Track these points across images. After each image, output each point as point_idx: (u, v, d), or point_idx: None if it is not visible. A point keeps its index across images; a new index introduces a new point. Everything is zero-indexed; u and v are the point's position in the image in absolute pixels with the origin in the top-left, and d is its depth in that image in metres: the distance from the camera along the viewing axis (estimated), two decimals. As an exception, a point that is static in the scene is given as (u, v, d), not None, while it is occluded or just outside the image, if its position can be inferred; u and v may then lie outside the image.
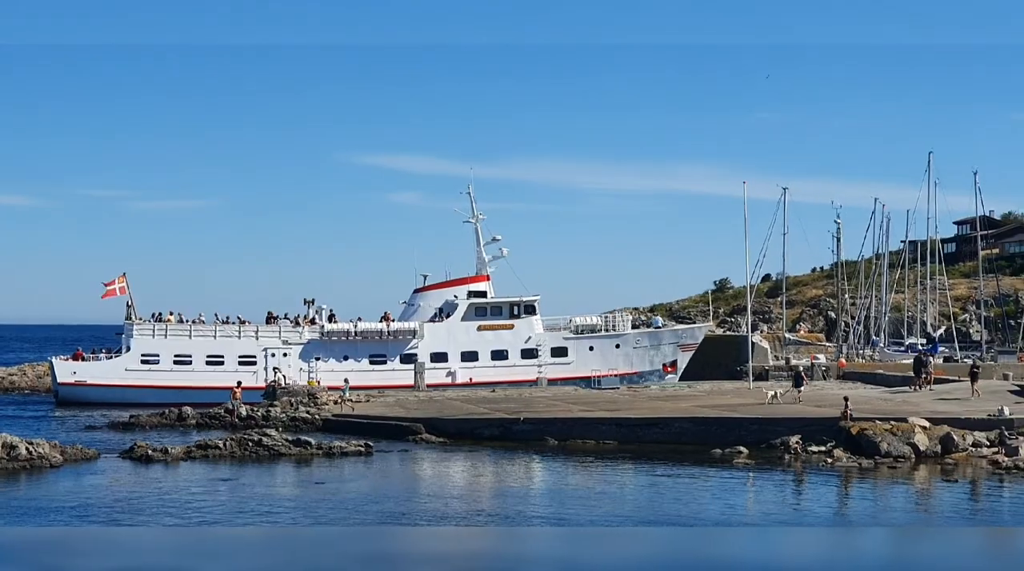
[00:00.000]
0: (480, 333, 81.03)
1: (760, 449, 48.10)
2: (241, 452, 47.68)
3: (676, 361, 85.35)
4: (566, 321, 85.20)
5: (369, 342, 79.85)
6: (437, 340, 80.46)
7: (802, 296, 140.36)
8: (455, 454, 49.16)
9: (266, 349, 78.25)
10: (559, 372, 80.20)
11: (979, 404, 53.79)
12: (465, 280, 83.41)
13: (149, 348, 77.42)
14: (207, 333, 78.69)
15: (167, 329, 78.25)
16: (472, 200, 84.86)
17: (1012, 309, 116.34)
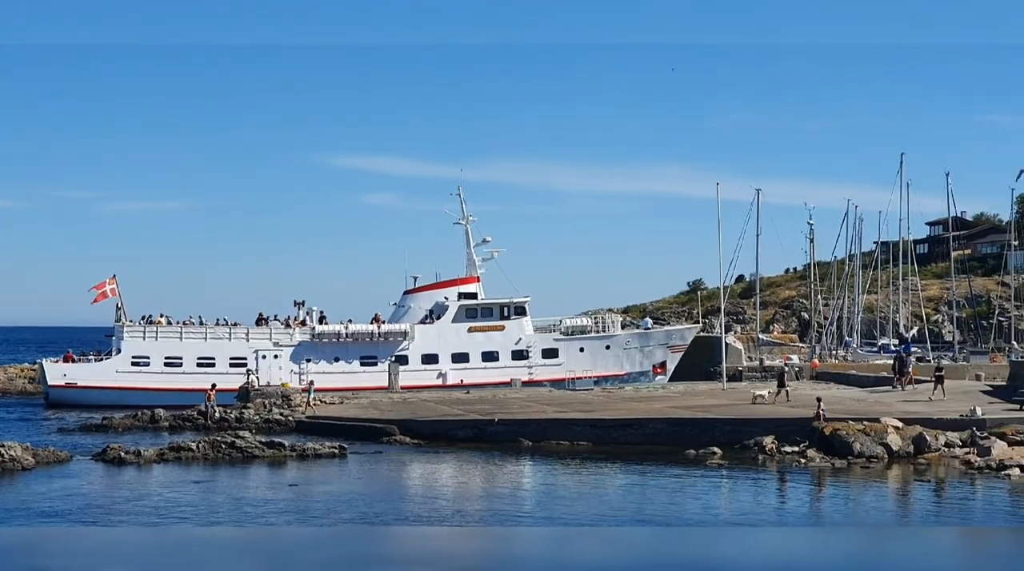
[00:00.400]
0: (471, 335, 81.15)
1: (734, 450, 48.20)
2: (214, 454, 47.52)
3: (665, 362, 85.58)
4: (556, 322, 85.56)
5: (360, 344, 79.80)
6: (428, 342, 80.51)
7: (775, 297, 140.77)
8: (429, 456, 49.09)
9: (257, 351, 78.17)
10: (549, 373, 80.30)
11: (952, 404, 53.99)
12: (455, 281, 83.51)
13: (140, 350, 77.32)
14: (198, 335, 78.55)
15: (158, 331, 78.18)
16: (462, 202, 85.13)
17: (984, 310, 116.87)
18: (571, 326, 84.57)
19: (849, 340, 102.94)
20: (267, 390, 68.16)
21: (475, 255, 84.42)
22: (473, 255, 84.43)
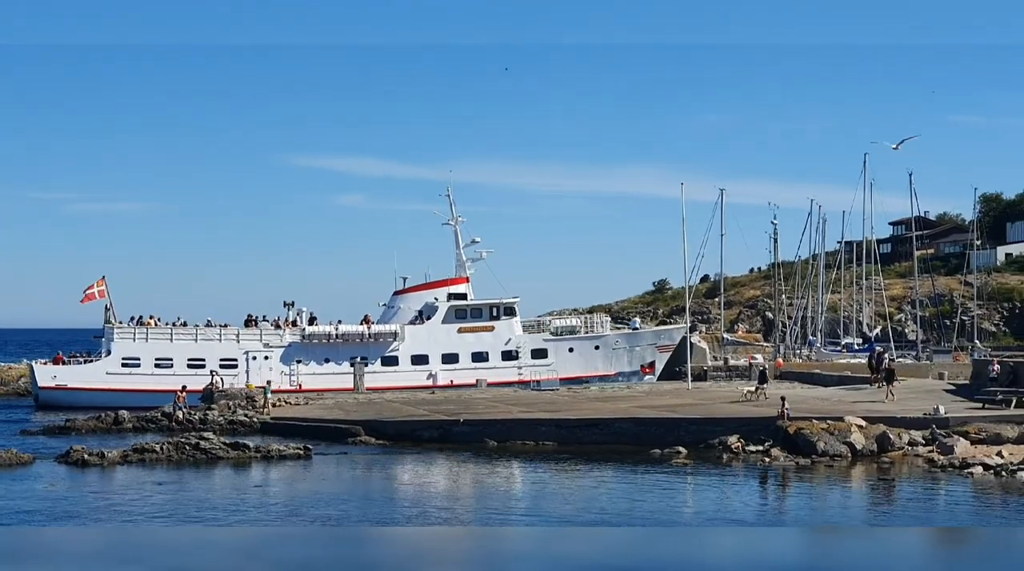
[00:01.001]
0: (461, 335, 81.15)
1: (699, 449, 48.29)
2: (178, 456, 47.29)
3: (654, 362, 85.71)
4: (546, 322, 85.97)
5: (350, 345, 79.67)
6: (418, 342, 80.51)
7: (740, 297, 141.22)
8: (394, 456, 49.01)
9: (247, 352, 78.06)
10: (539, 374, 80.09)
11: (915, 403, 54.28)
12: (445, 282, 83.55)
13: (130, 351, 77.12)
14: (188, 336, 78.37)
15: (148, 332, 77.97)
16: (451, 202, 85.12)
17: (947, 309, 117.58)
18: (560, 327, 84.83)
19: (813, 339, 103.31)
20: (231, 391, 67.90)
21: (464, 256, 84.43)
22: (462, 256, 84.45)
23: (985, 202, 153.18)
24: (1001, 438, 46.25)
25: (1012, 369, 57.40)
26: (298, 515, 35.20)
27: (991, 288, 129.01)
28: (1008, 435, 46.49)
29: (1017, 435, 46.51)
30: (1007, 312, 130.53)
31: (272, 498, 39.05)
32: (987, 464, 42.09)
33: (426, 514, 35.62)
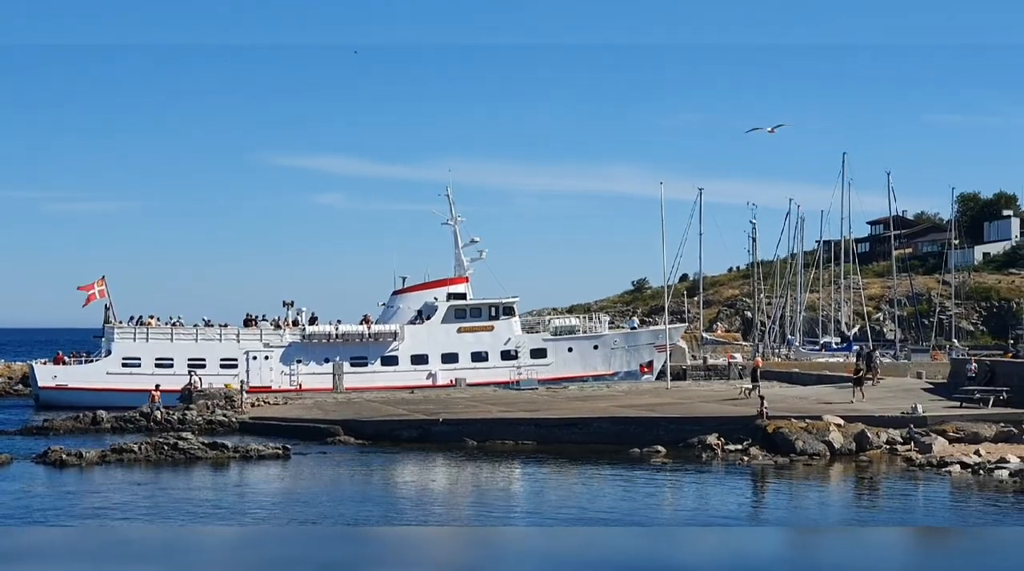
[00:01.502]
0: (460, 335, 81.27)
1: (678, 448, 48.33)
2: (157, 456, 47.12)
3: (652, 361, 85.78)
4: (546, 322, 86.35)
5: (350, 345, 79.73)
6: (418, 342, 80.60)
7: (719, 296, 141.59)
8: (373, 456, 48.94)
9: (247, 352, 78.06)
10: (538, 373, 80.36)
11: (893, 402, 54.46)
12: (444, 282, 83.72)
13: (130, 351, 77.07)
14: (188, 336, 78.36)
15: (148, 332, 77.91)
16: (451, 202, 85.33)
17: (925, 308, 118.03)
18: (559, 326, 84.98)
19: (792, 338, 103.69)
20: (210, 391, 67.73)
21: (463, 255, 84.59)
22: (461, 255, 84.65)
23: (963, 201, 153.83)
24: (979, 437, 46.41)
25: (990, 368, 57.64)
26: (274, 517, 35.09)
27: (969, 287, 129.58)
28: (986, 434, 46.66)
29: (995, 434, 46.69)
30: (985, 311, 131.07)
31: (249, 497, 38.94)
32: (965, 463, 42.21)
33: (403, 514, 35.58)
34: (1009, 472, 40.36)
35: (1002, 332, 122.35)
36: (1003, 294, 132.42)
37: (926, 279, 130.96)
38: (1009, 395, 52.25)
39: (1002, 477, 40.08)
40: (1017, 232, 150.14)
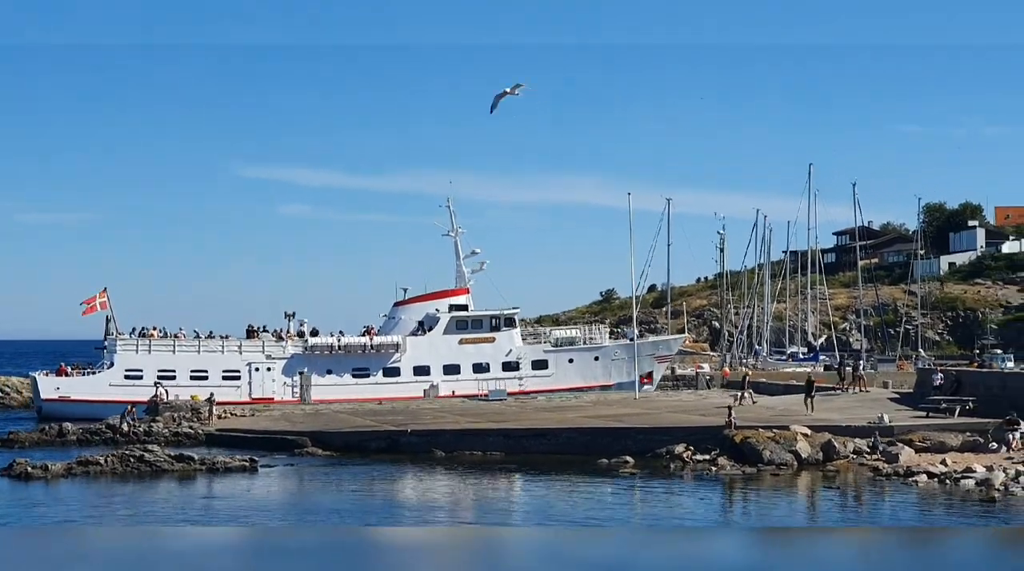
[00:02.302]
0: (461, 346, 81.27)
1: (646, 458, 48.36)
2: (123, 468, 46.82)
3: (652, 372, 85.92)
4: (546, 333, 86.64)
5: (352, 356, 79.64)
6: (419, 353, 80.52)
7: (687, 306, 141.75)
8: (341, 468, 48.77)
9: (250, 364, 77.86)
10: (539, 384, 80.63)
11: (860, 412, 54.66)
12: (446, 293, 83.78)
13: (133, 363, 76.70)
14: (191, 348, 78.10)
15: (151, 344, 77.62)
16: (452, 214, 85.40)
17: (891, 318, 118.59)
18: (560, 338, 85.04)
19: (759, 348, 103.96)
20: (176, 403, 67.46)
21: (464, 267, 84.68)
22: (462, 267, 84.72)
23: (928, 212, 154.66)
24: (945, 446, 46.61)
25: (956, 378, 57.91)
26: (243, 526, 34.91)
27: (935, 297, 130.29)
28: (952, 443, 46.87)
29: (961, 443, 46.90)
30: (950, 321, 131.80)
31: (215, 510, 38.74)
32: (931, 472, 42.39)
33: (375, 525, 35.45)
34: (975, 481, 40.55)
35: (968, 342, 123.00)
36: (969, 304, 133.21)
37: (892, 289, 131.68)
38: (975, 405, 52.50)
39: (968, 487, 40.26)
40: (982, 242, 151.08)
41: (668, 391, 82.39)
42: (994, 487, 39.43)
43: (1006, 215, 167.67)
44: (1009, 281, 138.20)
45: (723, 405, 56.09)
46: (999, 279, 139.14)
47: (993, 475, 40.70)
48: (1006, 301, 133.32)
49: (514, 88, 77.96)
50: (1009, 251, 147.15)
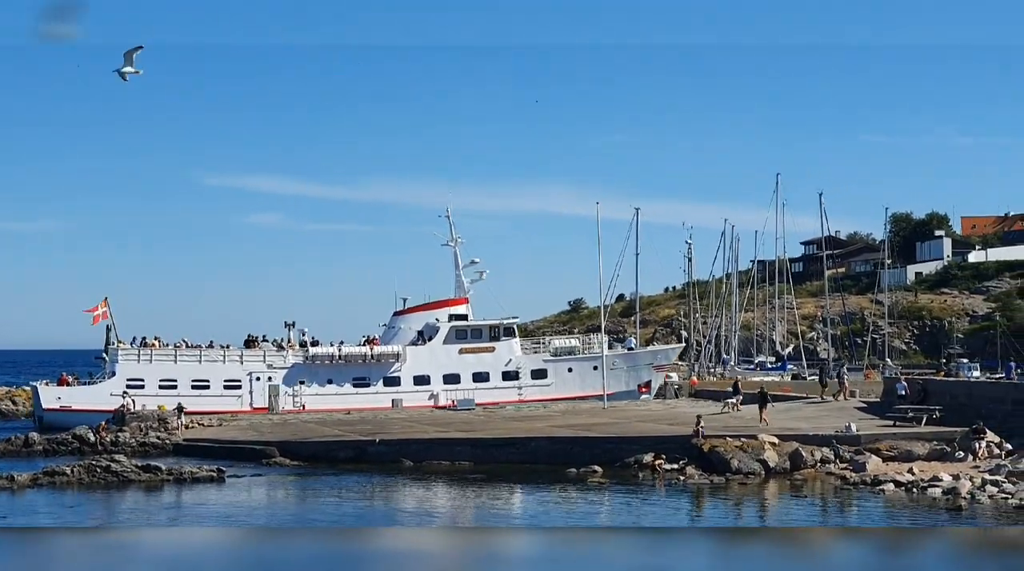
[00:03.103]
0: (462, 356, 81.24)
1: (615, 468, 48.38)
2: (89, 479, 46.55)
3: (651, 381, 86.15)
4: (546, 343, 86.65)
5: (353, 366, 79.54)
6: (420, 363, 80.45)
7: (655, 315, 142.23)
8: (309, 478, 48.62)
9: (251, 373, 77.74)
10: (539, 394, 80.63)
11: (827, 421, 54.79)
12: (445, 302, 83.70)
13: (134, 373, 76.33)
14: (192, 358, 77.98)
15: (152, 354, 77.49)
16: (451, 223, 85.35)
17: (858, 327, 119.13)
18: (559, 347, 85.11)
19: (727, 358, 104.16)
20: (143, 413, 67.14)
21: (463, 277, 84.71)
22: (462, 276, 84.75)
23: (895, 222, 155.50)
24: (912, 455, 46.79)
25: (922, 387, 58.17)
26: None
27: (901, 307, 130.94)
28: (919, 452, 47.05)
29: (928, 452, 47.09)
30: (917, 330, 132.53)
31: (182, 521, 38.57)
32: (898, 481, 42.57)
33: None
34: (942, 490, 40.74)
35: (935, 351, 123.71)
36: (935, 313, 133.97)
37: (859, 299, 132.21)
38: (942, 414, 52.74)
39: (935, 495, 40.44)
40: (949, 252, 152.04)
41: (636, 400, 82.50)
42: (961, 496, 39.63)
43: (972, 225, 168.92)
44: (975, 291, 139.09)
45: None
46: (965, 289, 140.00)
47: (960, 484, 40.89)
48: (972, 310, 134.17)
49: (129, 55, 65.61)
50: (975, 261, 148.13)
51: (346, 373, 79.27)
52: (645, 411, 67.47)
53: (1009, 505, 38.17)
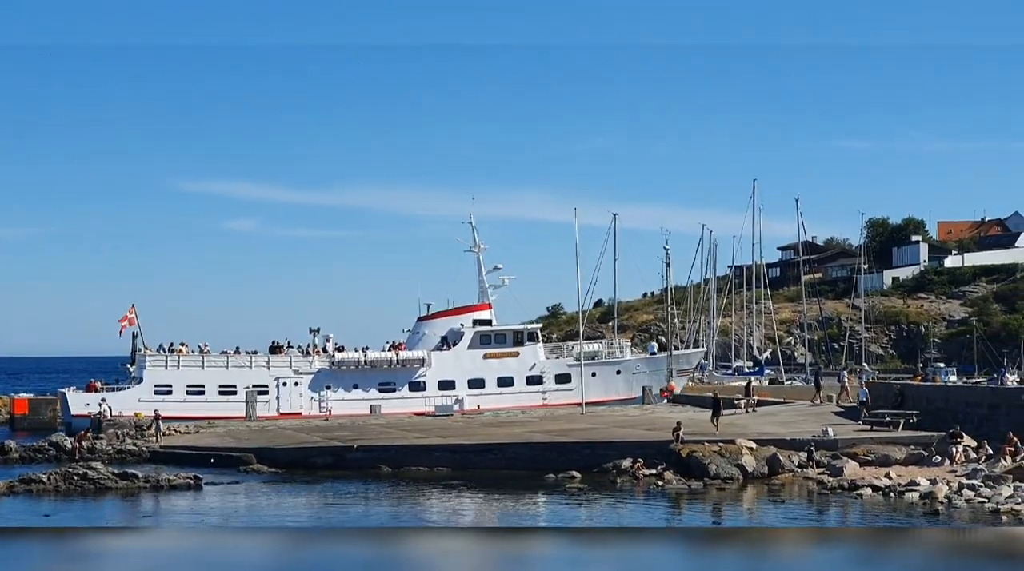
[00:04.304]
0: (486, 361, 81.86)
1: (593, 473, 48.38)
2: (66, 486, 46.32)
3: (674, 385, 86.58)
4: (569, 348, 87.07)
5: (378, 371, 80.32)
6: (444, 368, 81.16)
7: (633, 321, 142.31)
8: (286, 485, 48.46)
9: (277, 378, 78.39)
10: (562, 398, 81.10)
11: (805, 425, 54.91)
12: (469, 308, 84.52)
13: (162, 379, 77.05)
14: (219, 363, 78.56)
15: (180, 360, 78.10)
16: (474, 230, 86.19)
17: (835, 332, 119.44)
18: (583, 352, 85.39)
19: (705, 363, 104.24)
20: (120, 420, 66.88)
21: (486, 282, 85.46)
22: (485, 282, 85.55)
23: (872, 227, 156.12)
24: (889, 460, 46.92)
25: (900, 392, 58.32)
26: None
27: (878, 311, 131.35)
28: (896, 457, 47.19)
29: (905, 457, 47.24)
30: (894, 335, 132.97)
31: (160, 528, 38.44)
32: (876, 485, 42.70)
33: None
34: (919, 494, 40.88)
35: (911, 356, 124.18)
36: (912, 318, 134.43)
37: (836, 304, 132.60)
38: (918, 418, 52.91)
39: (912, 499, 40.58)
40: (925, 257, 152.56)
41: (614, 406, 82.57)
42: (938, 500, 39.78)
43: (948, 230, 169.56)
44: (952, 295, 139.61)
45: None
46: (942, 293, 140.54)
47: (937, 488, 41.05)
48: (949, 315, 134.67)
49: None
50: (952, 266, 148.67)
51: (372, 378, 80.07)
52: (623, 417, 67.52)
53: (986, 509, 38.31)
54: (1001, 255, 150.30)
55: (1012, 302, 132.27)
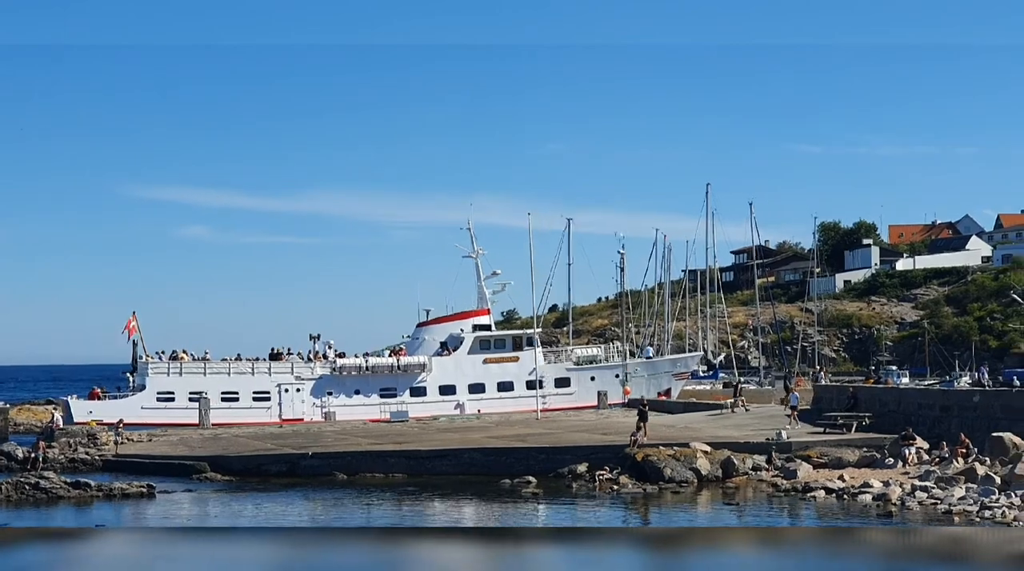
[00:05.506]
0: (486, 366, 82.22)
1: (549, 478, 48.41)
2: (17, 496, 45.90)
3: (670, 389, 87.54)
4: (568, 352, 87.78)
5: (379, 376, 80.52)
6: (445, 373, 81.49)
7: (588, 325, 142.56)
8: (240, 493, 48.21)
9: (279, 385, 78.57)
10: (562, 402, 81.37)
11: (759, 428, 55.17)
12: (469, 314, 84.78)
13: (165, 386, 76.95)
14: (221, 370, 78.63)
15: (182, 367, 78.03)
16: (472, 236, 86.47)
17: (788, 335, 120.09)
18: (582, 356, 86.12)
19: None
20: (72, 429, 66.37)
21: (485, 288, 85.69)
22: (484, 288, 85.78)
23: (824, 231, 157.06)
24: (842, 462, 47.22)
25: (852, 394, 58.69)
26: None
27: (830, 315, 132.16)
28: (849, 459, 47.49)
29: (858, 459, 47.54)
30: (846, 338, 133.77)
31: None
32: (829, 488, 42.92)
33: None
34: (872, 496, 41.13)
35: (864, 359, 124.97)
36: (864, 321, 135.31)
37: (789, 307, 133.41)
38: (871, 420, 53.26)
39: (866, 501, 40.83)
40: (877, 260, 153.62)
41: (569, 411, 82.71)
42: (891, 502, 40.04)
43: (900, 234, 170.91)
44: (903, 298, 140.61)
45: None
46: (893, 296, 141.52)
47: (890, 490, 41.31)
48: (900, 318, 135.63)
49: None
50: (903, 269, 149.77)
51: (373, 384, 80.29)
52: (578, 421, 67.62)
53: (938, 510, 38.59)
54: (952, 258, 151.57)
55: (963, 305, 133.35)
